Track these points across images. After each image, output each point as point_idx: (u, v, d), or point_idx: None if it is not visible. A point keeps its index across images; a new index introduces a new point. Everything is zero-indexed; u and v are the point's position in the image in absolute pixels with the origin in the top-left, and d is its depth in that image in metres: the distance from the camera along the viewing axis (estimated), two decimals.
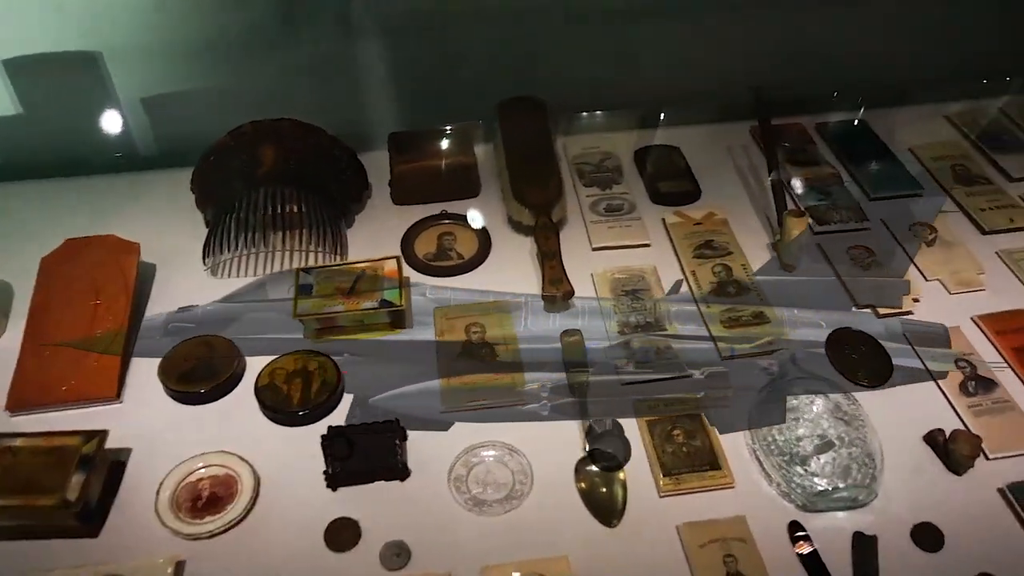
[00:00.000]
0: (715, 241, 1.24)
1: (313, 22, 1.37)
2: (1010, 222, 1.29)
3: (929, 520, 0.91)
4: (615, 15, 1.44)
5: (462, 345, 1.09)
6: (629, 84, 1.52)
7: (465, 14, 1.40)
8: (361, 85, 1.46)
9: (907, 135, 1.49)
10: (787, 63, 1.52)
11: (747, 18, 1.49)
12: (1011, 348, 1.09)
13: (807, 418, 0.98)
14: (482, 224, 1.27)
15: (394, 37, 1.40)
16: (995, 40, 1.58)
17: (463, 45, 1.43)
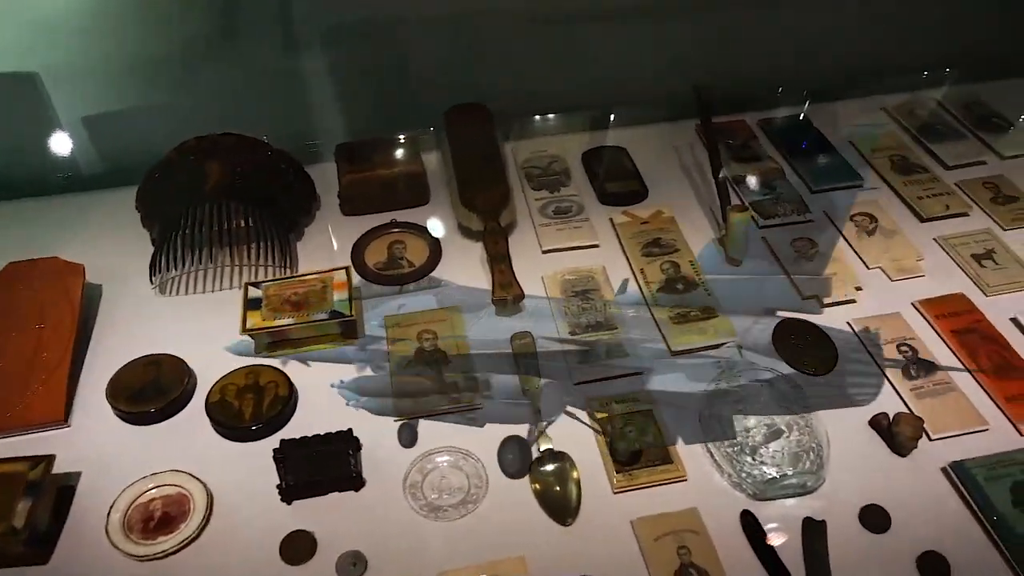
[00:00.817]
0: (663, 239, 1.26)
1: (255, 36, 1.37)
2: (946, 209, 1.32)
3: (876, 502, 0.93)
4: (561, 19, 1.46)
5: (414, 352, 1.09)
6: (576, 87, 1.54)
7: (410, 23, 1.40)
8: (307, 97, 1.45)
9: (846, 128, 1.53)
10: (731, 62, 1.55)
11: (690, 19, 1.51)
12: (950, 331, 1.12)
13: (754, 408, 0.99)
14: (442, 233, 1.27)
15: (338, 48, 1.40)
16: (931, 33, 1.62)
17: (409, 54, 1.44)
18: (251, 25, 1.35)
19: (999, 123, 1.52)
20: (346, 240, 1.28)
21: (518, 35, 1.45)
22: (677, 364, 1.09)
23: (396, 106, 1.49)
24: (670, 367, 1.08)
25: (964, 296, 1.18)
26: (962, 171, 1.42)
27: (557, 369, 1.07)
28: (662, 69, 1.52)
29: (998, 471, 0.94)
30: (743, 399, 1.01)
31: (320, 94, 1.45)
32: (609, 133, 1.52)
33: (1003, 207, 1.33)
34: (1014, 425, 1.01)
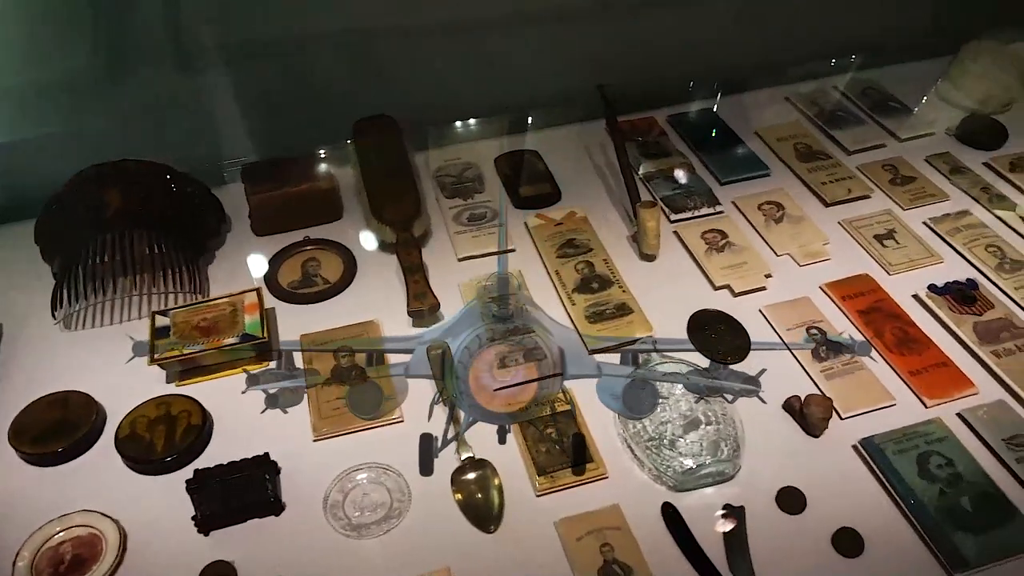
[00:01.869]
0: (577, 239, 1.27)
1: (153, 60, 1.33)
2: (848, 193, 1.36)
3: (792, 484, 0.95)
4: (468, 27, 1.46)
5: (331, 370, 1.08)
6: (487, 93, 1.54)
7: (313, 39, 1.39)
8: (213, 119, 1.42)
9: (753, 119, 1.56)
10: (640, 59, 1.56)
11: (597, 19, 1.52)
12: (856, 311, 1.16)
13: (672, 400, 1.01)
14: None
15: (240, 68, 1.37)
16: (830, 22, 1.67)
17: (315, 70, 1.42)
18: (148, 49, 1.32)
19: (895, 106, 1.57)
20: (258, 260, 1.26)
21: (426, 45, 1.44)
22: (595, 362, 1.10)
23: (306, 122, 1.47)
24: (588, 366, 1.09)
25: (868, 276, 1.21)
26: (863, 155, 1.47)
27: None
28: (572, 70, 1.53)
29: (904, 444, 0.98)
30: (659, 392, 1.02)
31: (225, 115, 1.42)
32: (520, 138, 1.53)
33: (901, 188, 1.38)
34: (919, 398, 1.04)
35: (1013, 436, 0.99)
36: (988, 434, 0.99)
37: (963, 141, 1.49)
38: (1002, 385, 1.06)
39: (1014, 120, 1.53)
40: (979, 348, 1.10)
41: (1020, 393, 1.04)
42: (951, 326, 1.13)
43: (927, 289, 1.18)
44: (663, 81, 1.62)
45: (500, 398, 0.97)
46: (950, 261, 1.25)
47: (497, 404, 0.97)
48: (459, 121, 1.56)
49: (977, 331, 1.12)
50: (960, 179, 1.40)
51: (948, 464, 0.95)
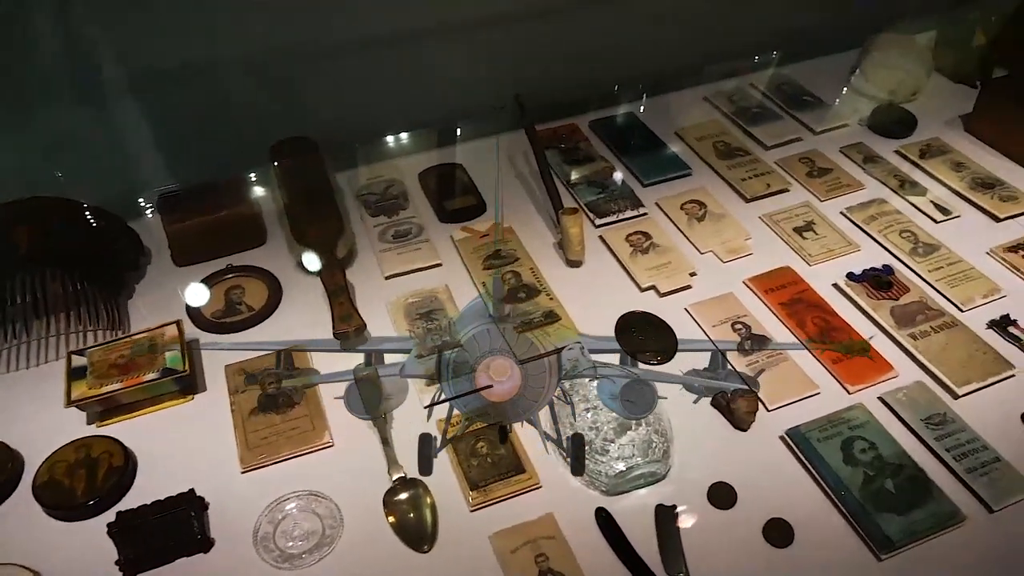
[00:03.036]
0: (502, 250, 1.27)
1: (60, 94, 1.30)
2: (767, 187, 1.39)
3: (722, 479, 0.96)
4: (384, 42, 1.45)
5: (258, 399, 1.06)
6: (409, 108, 1.54)
7: (227, 61, 1.36)
8: (127, 150, 1.39)
9: (674, 120, 1.58)
10: (561, 67, 1.58)
11: (514, 29, 1.53)
12: (779, 303, 1.18)
13: (598, 405, 1.01)
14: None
15: (151, 95, 1.34)
16: (743, 21, 1.70)
17: (230, 94, 1.40)
18: (56, 84, 1.28)
19: (809, 101, 1.61)
20: (181, 292, 1.23)
21: (342, 63, 1.43)
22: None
23: (226, 147, 1.44)
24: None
25: (790, 268, 1.24)
26: (780, 150, 1.50)
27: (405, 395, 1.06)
28: (495, 80, 1.53)
29: (829, 431, 0.99)
30: (588, 397, 1.02)
31: (140, 145, 1.39)
32: (444, 151, 1.52)
33: (818, 180, 1.41)
34: (842, 385, 1.07)
35: (931, 416, 1.01)
36: (908, 415, 1.02)
37: (875, 131, 1.53)
38: (920, 366, 1.09)
39: (922, 108, 1.58)
40: (897, 332, 1.12)
41: (937, 373, 1.07)
42: (870, 312, 1.16)
43: (846, 277, 1.21)
44: (586, 87, 1.63)
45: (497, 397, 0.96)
46: (867, 249, 1.28)
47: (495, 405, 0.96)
48: (387, 137, 1.55)
49: (894, 315, 1.15)
50: (874, 168, 1.43)
51: (871, 448, 0.98)
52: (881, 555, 0.88)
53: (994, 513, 0.92)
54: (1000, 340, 1.12)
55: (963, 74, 1.65)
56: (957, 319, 1.14)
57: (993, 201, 1.34)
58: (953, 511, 0.91)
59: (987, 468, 0.95)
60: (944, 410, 1.02)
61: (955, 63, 1.66)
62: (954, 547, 0.89)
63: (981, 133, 1.50)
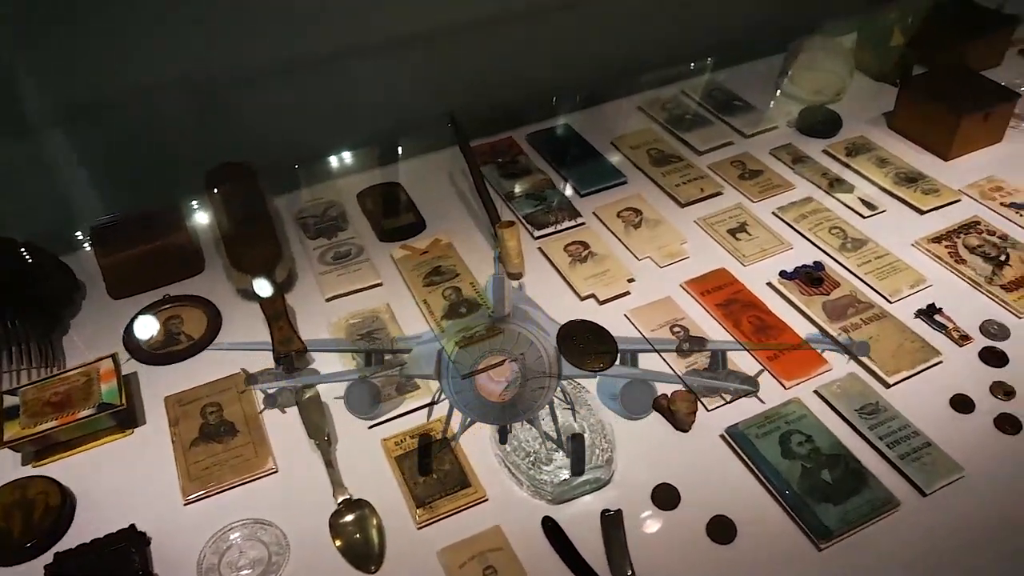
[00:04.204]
0: (442, 266, 1.28)
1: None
2: (701, 192, 1.42)
3: (666, 481, 0.98)
4: (318, 62, 1.45)
5: (199, 428, 1.05)
6: (345, 128, 1.54)
7: (158, 88, 1.35)
8: (56, 184, 1.37)
9: (609, 130, 1.61)
10: (497, 81, 1.60)
11: (449, 45, 1.54)
12: (715, 305, 1.20)
13: (544, 414, 1.02)
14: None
15: (80, 125, 1.33)
16: (674, 30, 1.74)
17: (161, 122, 1.38)
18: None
19: (739, 105, 1.65)
20: (116, 324, 1.21)
21: (278, 85, 1.43)
22: (468, 386, 1.10)
23: (160, 175, 1.43)
24: (462, 390, 1.09)
25: (725, 270, 1.26)
26: (712, 154, 1.53)
27: (348, 417, 1.06)
28: (430, 97, 1.54)
29: (767, 427, 1.02)
30: (531, 408, 1.03)
31: (71, 177, 1.37)
32: (382, 170, 1.53)
33: (750, 182, 1.44)
34: (778, 381, 1.09)
35: (864, 406, 1.04)
36: (843, 407, 1.04)
37: (803, 132, 1.57)
38: (852, 358, 1.11)
39: (847, 108, 1.62)
40: (829, 326, 1.15)
41: (869, 364, 1.10)
42: (803, 308, 1.19)
43: (779, 276, 1.24)
44: (524, 100, 1.65)
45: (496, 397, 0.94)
46: (799, 246, 1.31)
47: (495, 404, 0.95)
48: (327, 157, 1.55)
49: (826, 310, 1.18)
50: (803, 168, 1.47)
51: (808, 440, 1.00)
52: (820, 545, 0.90)
53: (927, 496, 0.95)
54: (927, 328, 1.15)
55: (884, 73, 1.70)
56: (886, 311, 1.18)
57: (916, 195, 1.39)
58: (888, 497, 0.94)
59: (919, 453, 0.98)
60: (877, 399, 1.05)
61: (876, 63, 1.71)
62: (890, 532, 0.92)
63: (903, 129, 1.55)
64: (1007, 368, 1.09)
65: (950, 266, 1.25)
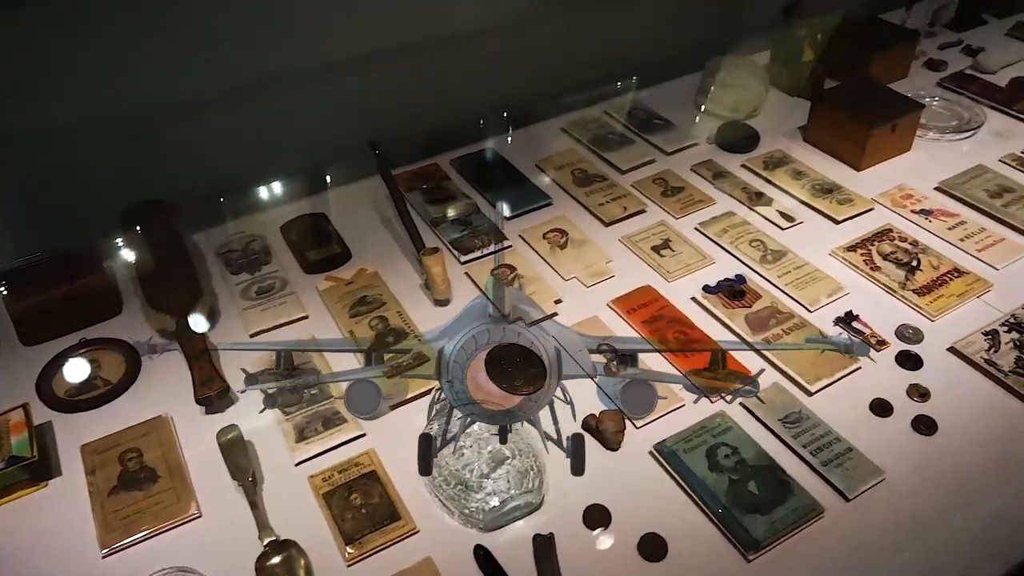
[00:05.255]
0: (368, 296, 1.27)
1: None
2: (624, 210, 1.44)
3: (596, 501, 0.98)
4: (241, 93, 1.43)
5: (118, 477, 1.01)
6: (268, 161, 1.52)
7: (75, 125, 1.31)
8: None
9: (534, 152, 1.62)
10: (421, 108, 1.60)
11: (376, 73, 1.53)
12: (641, 322, 1.21)
13: (470, 442, 1.01)
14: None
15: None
16: (595, 52, 1.77)
17: (74, 160, 1.35)
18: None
19: (660, 123, 1.68)
20: (29, 373, 1.17)
21: (199, 119, 1.41)
22: (397, 416, 1.09)
23: (72, 216, 1.39)
24: (390, 422, 1.08)
25: (650, 287, 1.28)
26: (635, 173, 1.55)
27: (274, 455, 1.04)
28: (358, 125, 1.53)
29: (694, 441, 1.03)
30: (459, 435, 1.02)
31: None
32: (306, 201, 1.51)
33: (672, 198, 1.47)
34: (704, 394, 1.10)
35: (788, 415, 1.06)
36: (767, 417, 1.06)
37: (722, 147, 1.61)
38: (775, 369, 1.14)
39: (763, 123, 1.67)
40: (752, 338, 1.18)
41: (791, 374, 1.12)
42: (726, 321, 1.21)
43: (702, 290, 1.26)
44: (451, 125, 1.65)
45: (496, 398, 0.93)
46: (721, 260, 1.33)
47: (494, 404, 0.95)
48: (253, 189, 1.53)
49: (749, 322, 1.20)
50: (723, 183, 1.50)
51: (734, 453, 1.01)
52: (749, 556, 0.91)
53: (850, 501, 0.97)
54: (845, 335, 1.18)
55: (797, 88, 1.75)
56: (806, 320, 1.20)
57: (832, 205, 1.43)
58: (812, 505, 0.95)
59: (841, 459, 1.00)
60: (799, 408, 1.07)
61: (789, 79, 1.76)
62: (816, 538, 0.93)
63: (817, 142, 1.59)
64: (922, 371, 1.13)
65: (866, 273, 1.29)
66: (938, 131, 1.62)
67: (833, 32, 1.76)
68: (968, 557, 0.92)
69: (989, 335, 1.16)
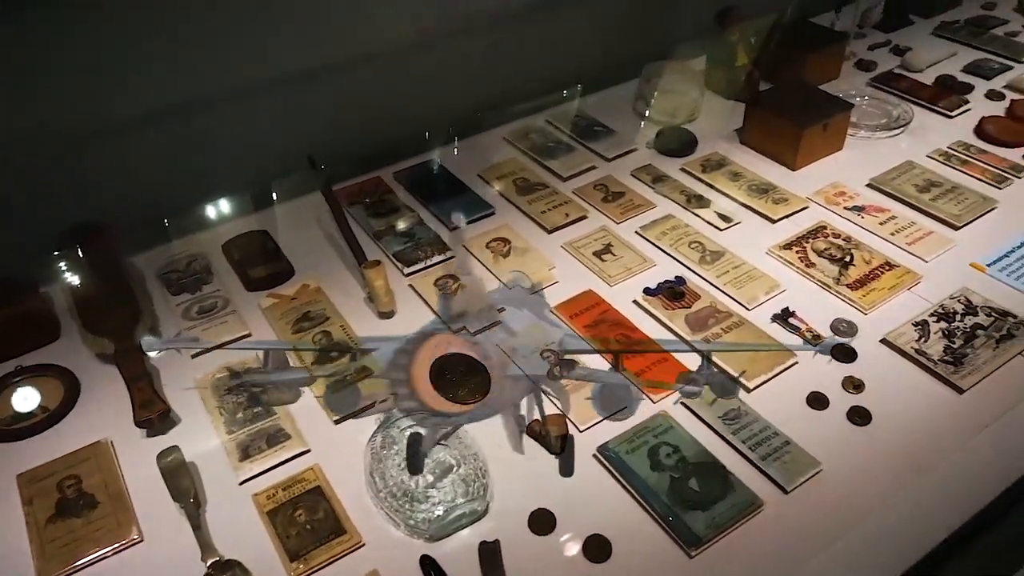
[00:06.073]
0: (312, 311, 1.26)
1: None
2: (566, 217, 1.45)
3: (542, 506, 0.98)
4: (186, 107, 1.41)
5: (56, 505, 1.00)
6: (214, 178, 1.51)
7: (7, 144, 1.28)
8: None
9: (476, 162, 1.63)
10: (366, 122, 1.59)
11: (318, 87, 1.53)
12: (584, 326, 1.23)
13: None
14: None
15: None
16: (534, 61, 1.78)
17: (12, 180, 1.32)
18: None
19: (600, 130, 1.70)
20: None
21: (136, 136, 1.39)
22: (342, 430, 1.09)
23: (5, 242, 1.35)
24: (334, 436, 1.08)
25: (592, 292, 1.30)
26: (576, 180, 1.57)
27: (217, 475, 1.03)
28: (300, 140, 1.52)
29: (636, 442, 1.04)
30: (403, 446, 1.03)
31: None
32: (248, 219, 1.50)
33: (613, 204, 1.49)
34: (647, 395, 1.12)
35: (727, 412, 1.08)
36: (707, 415, 1.08)
37: (661, 152, 1.64)
38: (715, 367, 1.15)
39: (701, 126, 1.70)
40: (691, 337, 1.20)
41: (728, 371, 1.14)
42: (666, 322, 1.23)
43: (643, 293, 1.28)
44: (396, 138, 1.66)
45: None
46: (661, 263, 1.35)
47: (444, 405, 1.05)
48: (196, 208, 1.51)
49: (689, 322, 1.22)
50: (662, 187, 1.53)
51: (675, 451, 1.03)
52: (691, 552, 0.92)
53: (788, 493, 0.99)
54: (782, 331, 1.21)
55: (733, 92, 1.79)
56: (744, 318, 1.23)
57: (768, 204, 1.46)
58: (752, 499, 0.97)
59: (779, 452, 1.02)
60: (739, 405, 1.09)
61: (725, 83, 1.80)
62: (757, 531, 0.95)
63: (752, 143, 1.63)
64: (856, 363, 1.16)
65: (801, 270, 1.32)
66: (869, 129, 1.66)
67: (766, 36, 1.80)
68: (900, 540, 0.94)
69: (919, 326, 1.20)
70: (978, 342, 1.16)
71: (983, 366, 1.13)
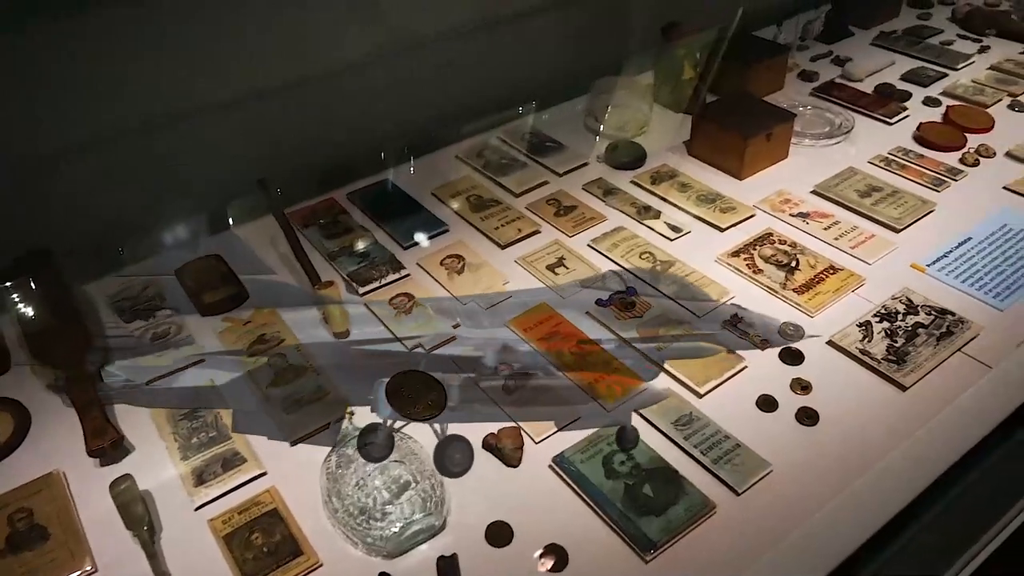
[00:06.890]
0: (267, 334, 1.26)
1: None
2: (519, 232, 1.47)
3: (499, 519, 0.99)
4: (131, 134, 1.41)
5: (6, 540, 0.98)
6: (160, 205, 1.50)
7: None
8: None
9: (429, 181, 1.64)
10: (309, 144, 1.60)
11: (258, 110, 1.53)
12: (538, 339, 1.24)
13: (369, 470, 1.02)
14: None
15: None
16: (485, 80, 1.81)
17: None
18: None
19: (551, 146, 1.72)
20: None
21: (86, 161, 1.38)
22: (298, 452, 1.09)
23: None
24: (291, 457, 1.08)
25: (546, 304, 1.31)
26: (529, 195, 1.59)
27: (173, 501, 1.02)
28: (254, 163, 1.52)
29: (590, 451, 1.06)
30: (359, 464, 1.03)
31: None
32: (209, 239, 1.49)
33: (565, 217, 1.51)
34: (601, 405, 1.14)
35: (679, 418, 1.10)
36: (660, 421, 1.10)
37: (612, 165, 1.66)
38: (667, 374, 1.18)
39: (650, 139, 1.73)
40: (643, 346, 1.22)
41: (681, 378, 1.16)
42: (619, 333, 1.25)
43: (595, 304, 1.30)
44: (345, 159, 1.66)
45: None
46: (613, 274, 1.38)
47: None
48: (150, 234, 1.50)
49: (640, 331, 1.24)
50: (613, 199, 1.55)
51: (629, 459, 1.04)
52: (646, 557, 0.94)
53: (740, 495, 1.01)
54: (733, 337, 1.23)
55: (680, 105, 1.83)
56: (694, 326, 1.25)
57: (716, 213, 1.49)
58: (704, 502, 0.99)
59: (730, 455, 1.04)
60: (691, 410, 1.11)
61: (672, 96, 1.84)
62: (710, 534, 0.97)
63: (700, 154, 1.67)
64: (803, 365, 1.18)
65: (749, 276, 1.35)
66: (812, 137, 1.71)
67: (711, 50, 1.84)
68: (847, 535, 0.97)
69: (863, 326, 1.23)
70: (919, 340, 1.20)
71: (924, 363, 1.16)
